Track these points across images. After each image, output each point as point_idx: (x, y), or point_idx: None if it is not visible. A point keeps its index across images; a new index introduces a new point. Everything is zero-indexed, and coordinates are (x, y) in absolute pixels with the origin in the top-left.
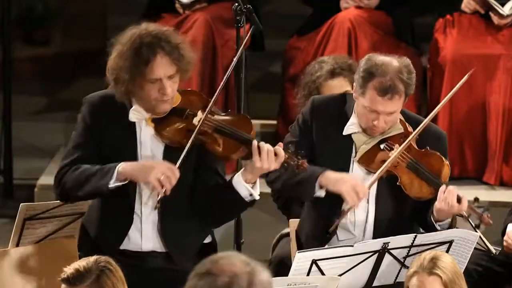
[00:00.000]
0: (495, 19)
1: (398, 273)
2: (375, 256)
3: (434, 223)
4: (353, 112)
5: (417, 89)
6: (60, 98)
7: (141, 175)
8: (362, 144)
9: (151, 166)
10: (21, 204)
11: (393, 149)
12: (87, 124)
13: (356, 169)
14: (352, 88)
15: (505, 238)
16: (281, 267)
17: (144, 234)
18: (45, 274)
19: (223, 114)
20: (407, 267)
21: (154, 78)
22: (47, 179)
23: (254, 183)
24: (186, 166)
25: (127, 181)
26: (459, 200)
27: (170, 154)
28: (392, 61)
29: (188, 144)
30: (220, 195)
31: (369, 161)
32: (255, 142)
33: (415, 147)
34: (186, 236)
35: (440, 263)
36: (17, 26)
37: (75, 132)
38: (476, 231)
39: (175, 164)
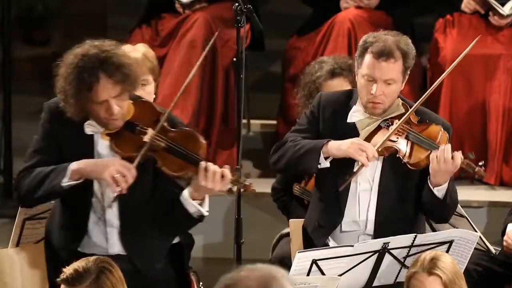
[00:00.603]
0: (495, 19)
1: (398, 273)
2: (375, 256)
3: (432, 188)
4: (357, 102)
5: (417, 89)
6: None
7: (94, 172)
8: (365, 127)
9: (106, 163)
10: None
11: (392, 124)
12: (46, 130)
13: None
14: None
15: (505, 238)
16: (281, 267)
17: (109, 238)
18: (45, 274)
19: (174, 130)
20: (407, 267)
21: (100, 100)
22: None
23: (203, 199)
24: (143, 177)
25: (81, 180)
26: (452, 157)
27: None
28: (391, 35)
29: (136, 161)
30: (172, 208)
31: (371, 141)
32: (202, 163)
33: (415, 123)
34: (147, 241)
35: (440, 263)
36: (17, 26)
37: (37, 136)
38: (476, 231)
39: None
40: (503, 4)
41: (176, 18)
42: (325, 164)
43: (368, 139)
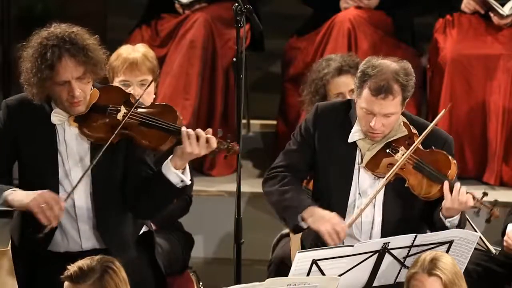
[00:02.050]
0: (495, 19)
1: (398, 273)
2: (375, 256)
3: (444, 219)
4: (357, 119)
5: (417, 89)
6: None
7: (19, 201)
8: (367, 150)
9: (34, 195)
10: None
11: (398, 152)
12: (2, 128)
13: (363, 175)
14: None
15: (505, 238)
16: (281, 267)
17: (82, 234)
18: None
19: (147, 106)
20: (407, 267)
21: (62, 80)
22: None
23: (184, 169)
24: (114, 160)
25: (9, 207)
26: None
27: (96, 152)
28: (390, 64)
29: (111, 138)
30: (151, 185)
31: (375, 166)
32: (184, 129)
33: (421, 148)
34: (122, 229)
35: (440, 263)
36: (17, 26)
37: None
38: (476, 231)
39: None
40: (503, 4)
41: (176, 18)
42: (302, 225)
43: (372, 163)
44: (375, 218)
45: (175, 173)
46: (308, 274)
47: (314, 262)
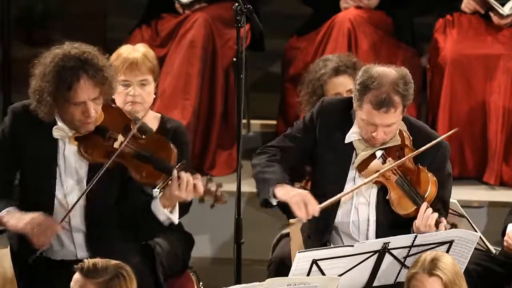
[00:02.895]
0: (495, 19)
1: (398, 273)
2: (375, 256)
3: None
4: (355, 121)
5: (417, 89)
6: None
7: (13, 223)
8: (362, 151)
9: (28, 218)
10: None
11: (385, 162)
12: (5, 135)
13: (357, 177)
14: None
15: (505, 238)
16: (281, 267)
17: (77, 244)
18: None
19: (144, 137)
20: (407, 267)
21: (78, 101)
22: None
23: (174, 207)
24: (111, 181)
25: (3, 227)
26: (437, 224)
27: (94, 172)
28: (388, 73)
29: (105, 167)
30: (141, 215)
31: (364, 168)
32: (175, 172)
33: (410, 161)
34: (114, 245)
35: (441, 264)
36: (17, 26)
37: None
38: (476, 231)
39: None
40: (503, 4)
41: (176, 18)
42: (272, 200)
43: (363, 165)
44: (370, 218)
45: (163, 212)
46: (308, 274)
47: (314, 262)
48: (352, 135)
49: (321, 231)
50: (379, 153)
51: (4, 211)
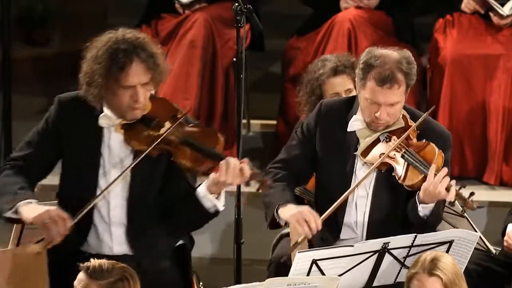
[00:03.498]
0: (495, 19)
1: (398, 273)
2: (375, 256)
3: (418, 203)
4: (358, 109)
5: (417, 89)
6: None
7: (26, 214)
8: (365, 139)
9: (43, 210)
10: None
11: (390, 141)
12: (49, 123)
13: (359, 166)
14: (355, 86)
15: (505, 238)
16: (281, 267)
17: (115, 238)
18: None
19: (191, 125)
20: (407, 267)
21: (128, 84)
22: (47, 179)
23: (219, 194)
24: (154, 172)
25: (19, 217)
26: (448, 188)
27: (139, 162)
28: (392, 53)
29: (148, 150)
30: (185, 204)
31: (368, 154)
32: (222, 161)
33: (413, 139)
34: (155, 240)
35: (441, 264)
36: (17, 26)
37: (35, 128)
38: (476, 231)
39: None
40: (503, 4)
41: (176, 18)
42: (281, 221)
43: (367, 151)
44: (367, 206)
45: (209, 199)
46: (308, 274)
47: (314, 262)
48: (354, 123)
49: (335, 230)
50: (382, 137)
51: (25, 201)
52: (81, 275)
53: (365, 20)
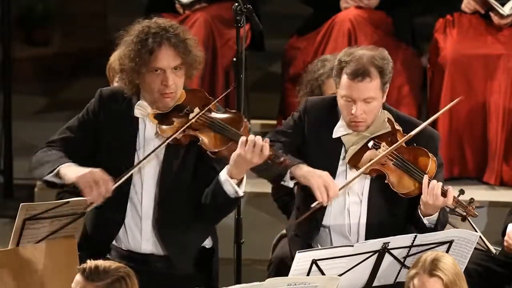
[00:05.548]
0: (495, 19)
1: (398, 273)
2: (375, 256)
3: (422, 217)
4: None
5: (417, 89)
6: (60, 98)
7: (70, 176)
8: (351, 145)
9: (86, 173)
10: (21, 204)
11: (380, 148)
12: (89, 113)
13: (350, 172)
14: None
15: (505, 238)
16: (281, 267)
17: (144, 234)
18: (45, 274)
19: (220, 112)
20: (407, 267)
21: (157, 67)
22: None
23: (241, 181)
24: (185, 165)
25: (61, 181)
26: (444, 193)
27: (172, 152)
28: (366, 50)
29: (174, 134)
30: (210, 190)
31: (357, 161)
32: (243, 136)
33: (403, 145)
34: (185, 236)
35: (441, 264)
36: (17, 26)
37: (76, 116)
38: (476, 231)
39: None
40: (503, 4)
41: (176, 18)
42: (289, 183)
43: (355, 158)
44: (360, 220)
45: (230, 182)
46: (308, 274)
47: (314, 262)
48: (339, 129)
49: (310, 230)
50: (371, 143)
51: (66, 164)
52: (77, 277)
53: (365, 20)
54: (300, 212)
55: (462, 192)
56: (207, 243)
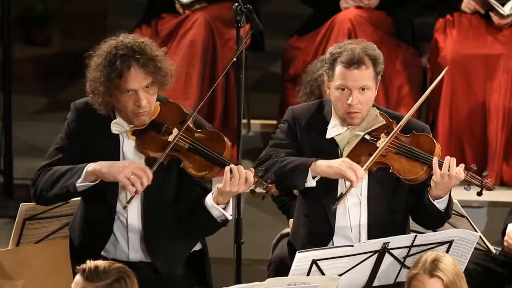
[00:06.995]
0: (495, 19)
1: (398, 273)
2: (375, 256)
3: (433, 201)
4: (332, 115)
5: (417, 89)
6: (60, 98)
7: (109, 173)
8: (346, 144)
9: (122, 165)
10: (21, 204)
11: (379, 139)
12: (71, 129)
13: None
14: None
15: (505, 238)
16: (281, 267)
17: (131, 244)
18: (45, 274)
19: (199, 131)
20: (407, 267)
21: (129, 89)
22: None
23: (227, 203)
24: (167, 179)
25: (97, 181)
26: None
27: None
28: (356, 43)
29: (160, 160)
30: (197, 213)
31: (356, 157)
32: (227, 168)
33: (401, 134)
34: (171, 245)
35: (442, 264)
36: (17, 26)
37: (60, 135)
38: (476, 231)
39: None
40: (503, 4)
41: (176, 18)
42: (311, 183)
43: (353, 155)
44: (361, 221)
45: (216, 208)
46: (308, 274)
47: (314, 262)
48: (332, 130)
49: (324, 234)
50: (368, 137)
51: (88, 165)
52: (77, 278)
53: (365, 20)
54: (310, 217)
55: (474, 166)
56: (196, 246)
